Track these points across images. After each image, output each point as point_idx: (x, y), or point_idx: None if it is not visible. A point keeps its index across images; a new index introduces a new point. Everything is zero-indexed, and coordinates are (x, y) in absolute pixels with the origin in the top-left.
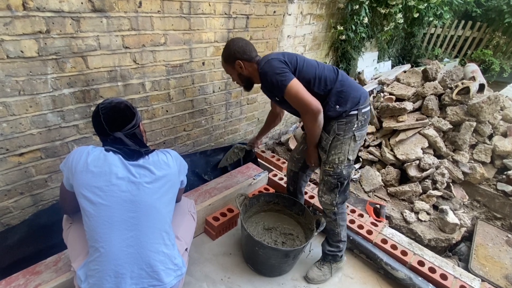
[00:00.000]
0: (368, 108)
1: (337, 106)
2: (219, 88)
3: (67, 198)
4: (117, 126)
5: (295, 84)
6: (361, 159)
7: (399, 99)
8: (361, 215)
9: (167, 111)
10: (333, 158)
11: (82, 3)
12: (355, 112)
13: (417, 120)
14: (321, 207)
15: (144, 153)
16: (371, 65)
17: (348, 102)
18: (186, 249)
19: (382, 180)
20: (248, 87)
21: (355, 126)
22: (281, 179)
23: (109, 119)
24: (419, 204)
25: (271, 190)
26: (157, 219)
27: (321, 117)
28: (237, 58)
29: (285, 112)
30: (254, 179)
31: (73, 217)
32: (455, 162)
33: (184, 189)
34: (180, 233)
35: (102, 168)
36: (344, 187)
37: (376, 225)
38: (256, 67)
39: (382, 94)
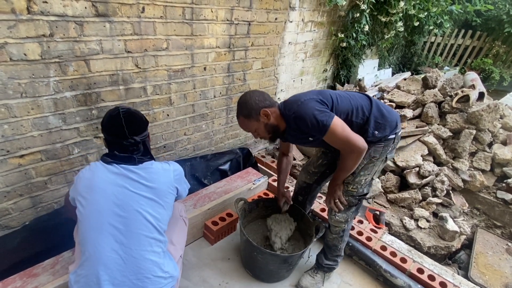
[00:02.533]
0: (401, 130)
1: (376, 132)
2: (220, 93)
3: (70, 210)
4: (135, 131)
5: (339, 123)
6: None
7: (399, 106)
8: (360, 222)
9: (168, 115)
10: (360, 179)
11: (86, 7)
12: (393, 136)
13: (417, 127)
14: (329, 222)
15: (138, 160)
16: (371, 72)
17: (387, 127)
18: (180, 256)
19: (382, 186)
20: (275, 137)
21: (390, 149)
22: None
23: (129, 122)
24: (418, 211)
25: (271, 195)
26: (146, 226)
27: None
28: (261, 108)
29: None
30: (253, 184)
31: None
32: (455, 170)
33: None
34: (175, 238)
35: (95, 175)
36: (360, 204)
37: (375, 232)
38: (278, 112)
39: (382, 101)
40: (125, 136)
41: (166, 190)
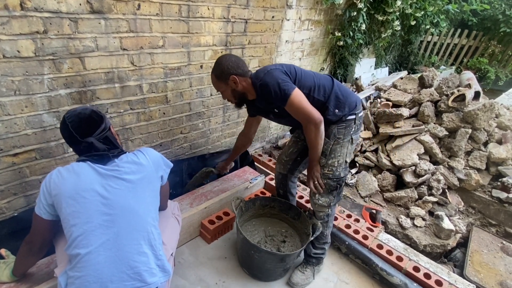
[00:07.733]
0: (362, 112)
1: (336, 110)
2: (217, 91)
3: (40, 231)
4: (87, 132)
5: (298, 94)
6: (357, 164)
7: (396, 105)
8: (357, 220)
9: (164, 113)
10: (333, 162)
11: (80, 4)
12: (353, 116)
13: (413, 126)
14: (312, 208)
15: (112, 156)
16: (368, 71)
17: (346, 106)
18: (171, 254)
19: (378, 185)
20: (240, 103)
21: (353, 129)
22: None
23: (77, 126)
24: (414, 210)
25: (268, 194)
26: (135, 219)
27: (322, 127)
28: (231, 74)
29: (257, 131)
30: (250, 182)
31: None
32: (451, 169)
33: (167, 187)
34: (165, 238)
35: (81, 175)
36: (341, 189)
37: (372, 230)
38: (250, 81)
39: (379, 100)
40: (78, 141)
41: (149, 178)
